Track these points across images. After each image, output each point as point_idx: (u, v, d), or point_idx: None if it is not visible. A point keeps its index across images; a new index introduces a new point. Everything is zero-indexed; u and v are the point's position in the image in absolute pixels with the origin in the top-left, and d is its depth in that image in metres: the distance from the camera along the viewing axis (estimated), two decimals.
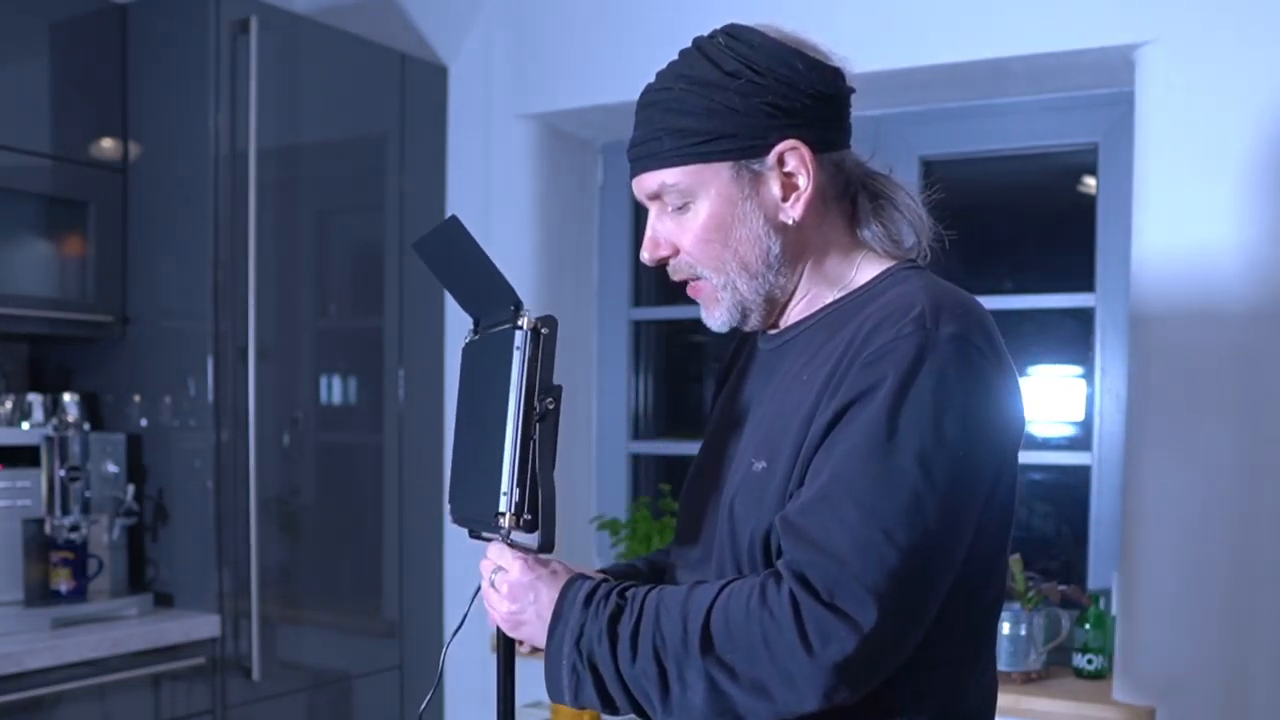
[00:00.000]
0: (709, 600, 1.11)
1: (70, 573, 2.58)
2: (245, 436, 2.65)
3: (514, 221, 3.04)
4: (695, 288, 1.28)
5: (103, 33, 2.68)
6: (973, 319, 1.16)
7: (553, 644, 1.18)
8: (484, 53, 3.07)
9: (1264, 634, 2.24)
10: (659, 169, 1.23)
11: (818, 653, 1.05)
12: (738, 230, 1.23)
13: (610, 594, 1.17)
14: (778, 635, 1.06)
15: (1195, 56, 2.27)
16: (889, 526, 1.07)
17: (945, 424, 1.09)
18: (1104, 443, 2.61)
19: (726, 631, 1.09)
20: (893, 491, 1.07)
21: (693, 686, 1.10)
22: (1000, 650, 2.49)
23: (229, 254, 2.62)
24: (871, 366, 1.11)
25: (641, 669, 1.12)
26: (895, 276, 1.26)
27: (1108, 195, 2.61)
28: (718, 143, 1.20)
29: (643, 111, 1.25)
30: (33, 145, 2.57)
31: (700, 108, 1.20)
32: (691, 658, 1.10)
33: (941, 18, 2.50)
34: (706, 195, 1.22)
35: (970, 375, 1.12)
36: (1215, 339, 2.27)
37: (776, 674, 1.07)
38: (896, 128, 2.82)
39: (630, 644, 1.13)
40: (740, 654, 1.08)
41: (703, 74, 1.21)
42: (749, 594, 1.09)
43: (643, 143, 1.24)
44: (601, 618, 1.15)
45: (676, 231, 1.25)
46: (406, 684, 3.04)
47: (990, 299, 2.83)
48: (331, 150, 2.92)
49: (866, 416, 1.10)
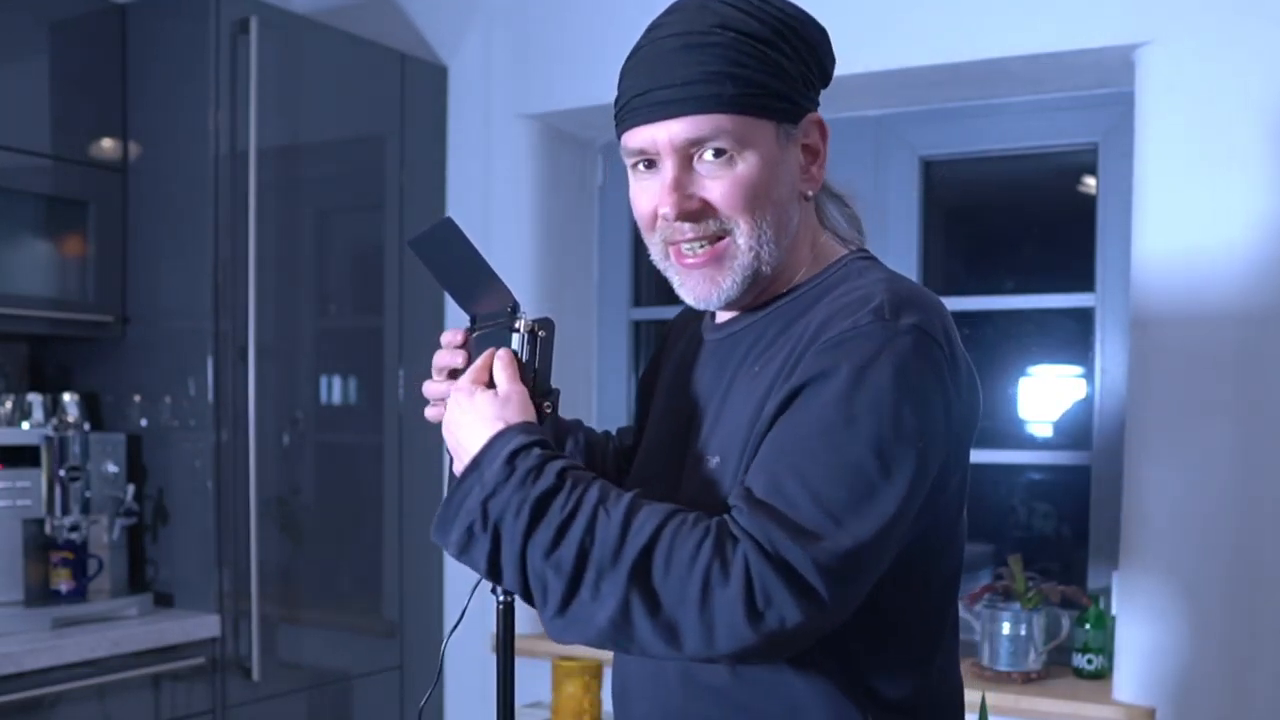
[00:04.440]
0: (656, 523, 1.07)
1: (70, 573, 2.58)
2: (245, 436, 2.65)
3: (514, 221, 3.04)
4: (706, 253, 1.18)
5: (103, 33, 2.68)
6: (931, 313, 1.13)
7: (458, 492, 1.13)
8: (484, 53, 3.07)
9: (1264, 634, 2.23)
10: (714, 113, 1.14)
11: (761, 616, 1.03)
12: (778, 191, 1.18)
13: (544, 466, 1.11)
14: (723, 588, 1.03)
15: (1195, 56, 2.27)
16: (839, 514, 1.05)
17: (903, 415, 1.07)
18: (1104, 443, 2.61)
19: (667, 564, 1.05)
20: (848, 480, 1.06)
21: (604, 600, 1.06)
22: (1000, 650, 2.50)
23: (229, 254, 2.62)
24: (827, 352, 1.10)
25: (556, 562, 1.07)
26: (849, 266, 1.23)
27: (1108, 195, 2.61)
28: (775, 100, 1.16)
29: (674, 54, 1.15)
30: (33, 145, 2.57)
31: (758, 60, 1.15)
32: (617, 574, 1.05)
33: (941, 18, 2.50)
34: (756, 150, 1.16)
35: (928, 368, 1.10)
36: (1215, 339, 2.27)
37: (700, 623, 1.04)
38: (896, 128, 2.82)
39: (556, 533, 1.08)
40: (672, 591, 1.05)
41: (749, 27, 1.15)
42: (701, 537, 1.06)
43: (688, 84, 1.14)
44: (528, 490, 1.09)
45: (711, 184, 1.16)
46: (406, 684, 3.04)
47: (990, 299, 2.85)
48: (331, 150, 2.91)
49: (823, 401, 1.08)
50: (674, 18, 1.19)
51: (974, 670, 2.54)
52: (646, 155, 1.19)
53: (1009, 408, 2.88)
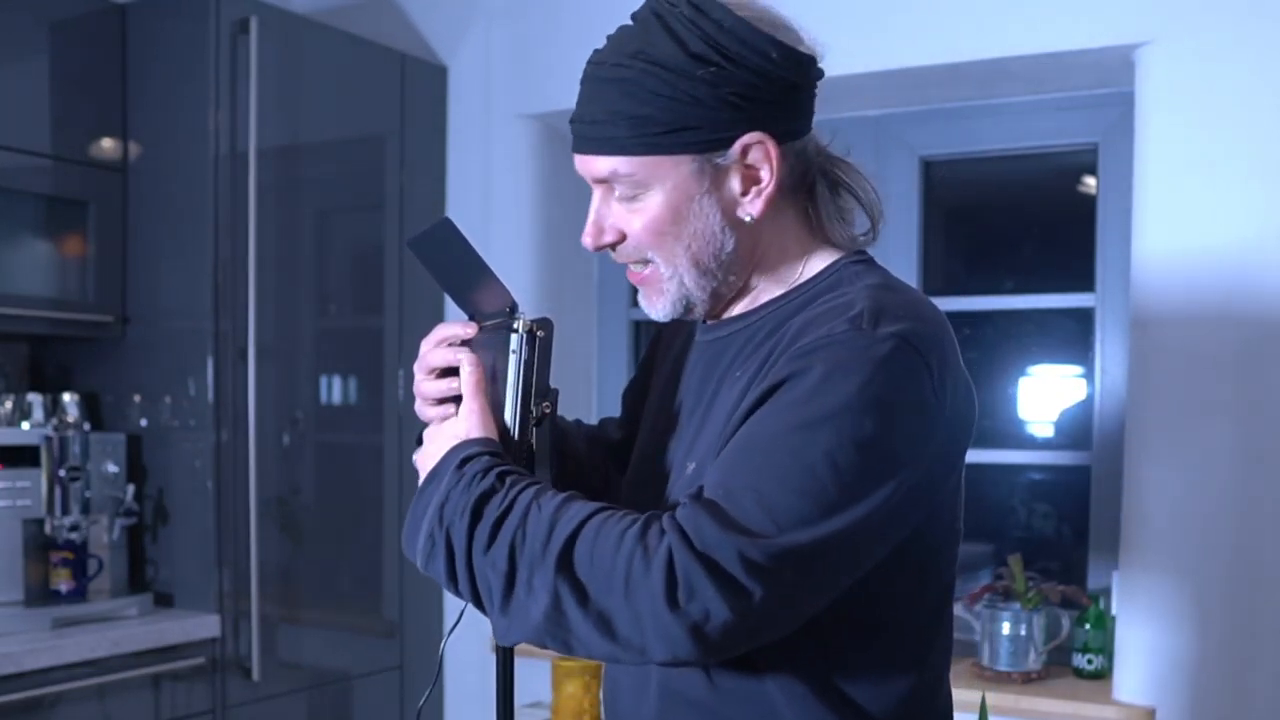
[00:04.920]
0: (583, 516, 1.05)
1: (70, 573, 2.58)
2: (245, 436, 2.65)
3: (514, 221, 3.04)
4: (639, 275, 1.21)
5: (103, 33, 2.68)
6: (915, 322, 1.09)
7: (419, 502, 1.14)
8: (484, 53, 3.07)
9: (1264, 633, 2.23)
10: (612, 155, 1.14)
11: (680, 606, 1.00)
12: (692, 225, 1.15)
13: (489, 470, 1.11)
14: (644, 576, 1.01)
15: (1195, 56, 2.27)
16: (783, 518, 1.02)
17: (865, 425, 1.04)
18: (1104, 443, 2.61)
19: (590, 554, 1.03)
20: (795, 486, 1.03)
21: (537, 595, 1.05)
22: (1000, 650, 2.50)
23: (229, 254, 2.62)
24: (799, 358, 1.07)
25: (492, 559, 1.07)
26: (840, 272, 1.20)
27: (1108, 195, 2.61)
28: (679, 135, 1.12)
29: (593, 85, 1.15)
30: (33, 145, 2.57)
31: (662, 94, 1.10)
32: (546, 566, 1.04)
33: (941, 18, 2.50)
34: (662, 187, 1.14)
35: (902, 378, 1.06)
36: (1215, 339, 2.27)
37: (628, 613, 1.02)
38: (896, 128, 2.82)
39: (490, 530, 1.07)
40: (597, 582, 1.03)
41: (665, 55, 1.10)
42: (626, 527, 1.04)
43: (593, 122, 1.15)
44: (471, 492, 1.09)
45: (625, 218, 1.18)
46: (406, 684, 3.04)
47: (990, 299, 2.85)
48: (331, 150, 2.91)
49: (785, 403, 1.06)
50: (612, 37, 1.17)
51: (974, 670, 2.54)
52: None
53: (1009, 408, 2.88)
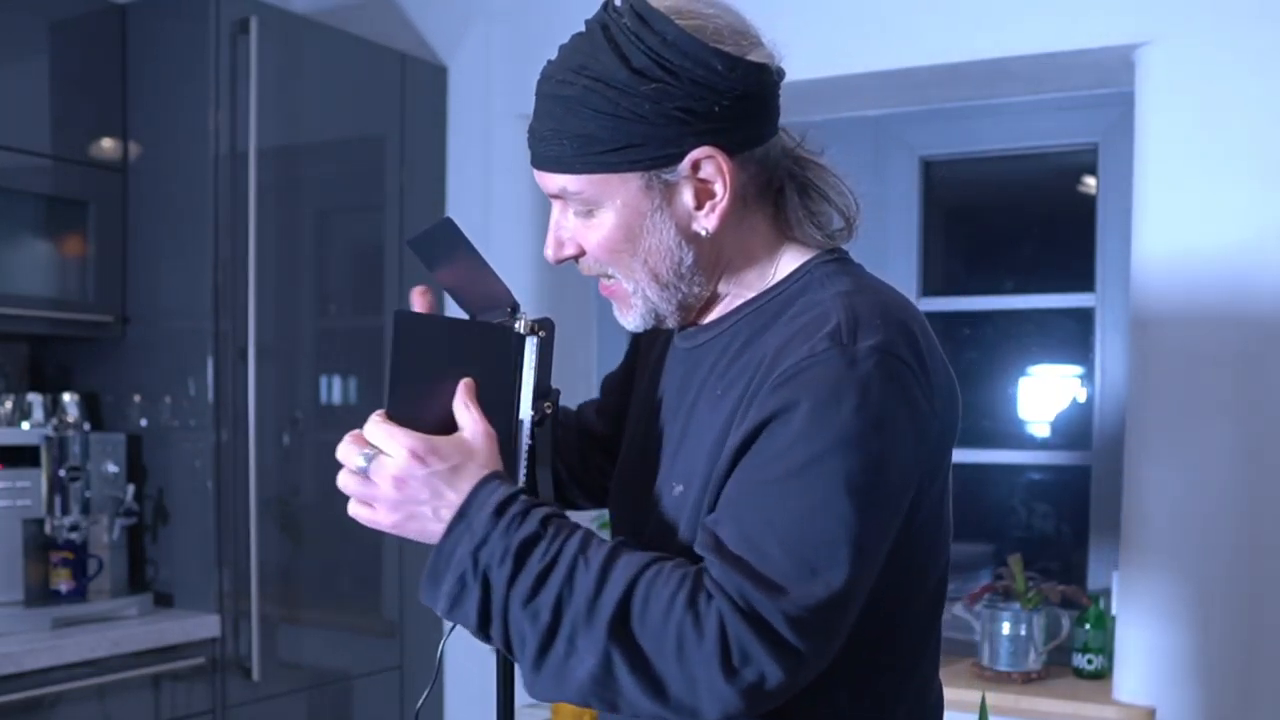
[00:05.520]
0: (631, 575, 1.03)
1: (70, 573, 2.58)
2: (245, 436, 2.65)
3: (514, 221, 3.04)
4: (606, 287, 1.21)
5: (103, 33, 2.68)
6: (894, 328, 1.07)
7: (446, 544, 1.08)
8: (484, 53, 3.07)
9: (1264, 633, 2.23)
10: (559, 173, 1.13)
11: (737, 673, 1.01)
12: (646, 241, 1.14)
13: (529, 513, 1.07)
14: (697, 645, 1.01)
15: (1195, 56, 2.27)
16: (815, 563, 1.02)
17: (869, 445, 1.03)
18: (1104, 443, 2.61)
19: (643, 617, 1.02)
20: (818, 523, 1.02)
21: (582, 656, 1.03)
22: (1000, 650, 2.50)
23: (229, 254, 2.62)
24: (786, 385, 1.05)
25: (533, 612, 1.04)
26: (812, 273, 1.18)
27: (1108, 195, 2.61)
28: (625, 153, 1.09)
29: (542, 101, 1.13)
30: (33, 145, 2.57)
31: (605, 112, 1.08)
32: (594, 628, 1.02)
33: (941, 18, 2.50)
34: (613, 205, 1.12)
35: (893, 391, 1.05)
36: (1215, 339, 2.27)
37: (681, 678, 1.02)
38: (896, 128, 2.82)
39: (534, 582, 1.04)
40: (651, 645, 1.02)
41: (607, 71, 1.08)
42: (676, 589, 1.03)
43: (542, 139, 1.13)
44: (513, 537, 1.05)
45: (582, 233, 1.16)
46: (406, 684, 3.04)
47: (990, 299, 2.85)
48: (331, 150, 2.91)
49: (784, 439, 1.04)
50: (562, 49, 1.16)
51: (974, 670, 2.54)
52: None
53: (1009, 408, 2.88)
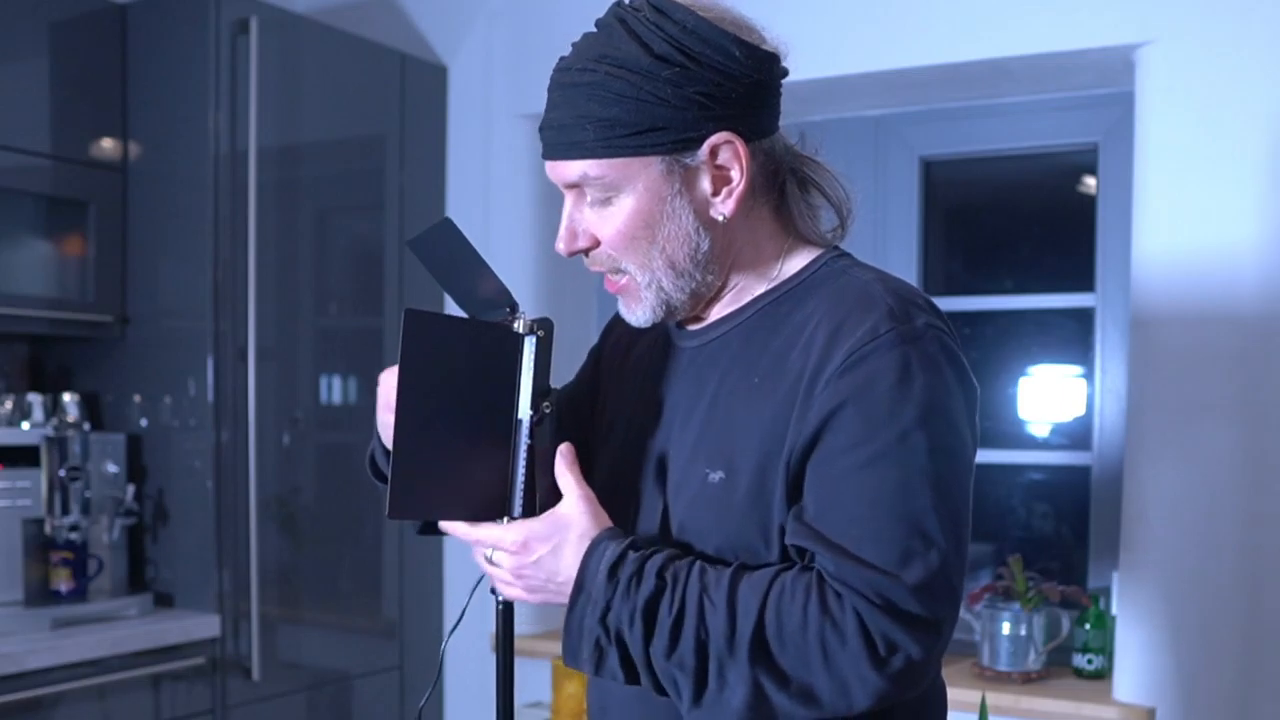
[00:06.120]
0: (760, 599, 1.08)
1: (70, 573, 2.58)
2: (245, 436, 2.65)
3: (514, 221, 3.04)
4: (616, 283, 1.21)
5: (103, 33, 2.68)
6: (932, 309, 1.16)
7: (574, 616, 1.13)
8: (484, 53, 3.07)
9: (1264, 633, 2.23)
10: (580, 159, 1.14)
11: (886, 662, 1.06)
12: (665, 227, 1.16)
13: (643, 570, 1.11)
14: (841, 647, 1.05)
15: (1195, 56, 2.27)
16: (925, 528, 1.06)
17: (948, 413, 1.09)
18: (1104, 443, 2.61)
19: (780, 637, 1.07)
20: (918, 493, 1.07)
21: (733, 687, 1.08)
22: (1000, 650, 2.50)
23: (229, 254, 2.62)
24: (856, 369, 1.08)
25: (679, 661, 1.09)
26: (827, 266, 1.21)
27: (1108, 195, 2.61)
28: (647, 135, 1.12)
29: (560, 91, 1.16)
30: (33, 145, 2.57)
31: (628, 96, 1.11)
32: (738, 659, 1.07)
33: (941, 18, 2.50)
34: (633, 189, 1.15)
35: (951, 363, 1.12)
36: (1215, 339, 2.27)
37: (831, 682, 1.06)
38: (896, 128, 2.82)
39: (670, 634, 1.09)
40: (793, 661, 1.07)
41: (629, 57, 1.12)
42: (805, 600, 1.07)
43: (560, 127, 1.15)
44: (635, 599, 1.10)
45: (597, 223, 1.18)
46: (406, 684, 3.04)
47: (990, 299, 2.85)
48: (331, 150, 2.92)
49: (866, 420, 1.08)
50: (577, 44, 1.19)
51: (974, 670, 2.54)
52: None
53: (1009, 408, 2.88)
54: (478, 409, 1.19)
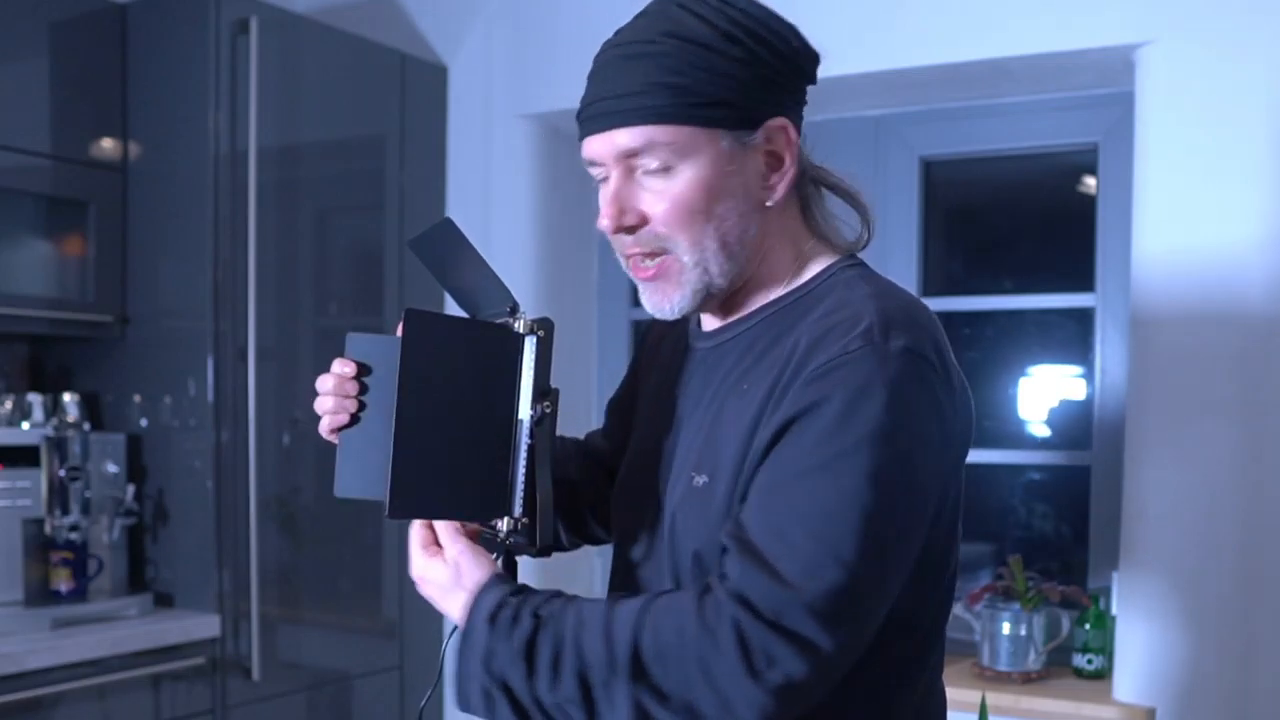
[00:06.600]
0: (634, 619, 1.07)
1: (70, 573, 2.58)
2: (245, 436, 2.65)
3: (514, 221, 3.04)
4: (650, 270, 1.17)
5: (103, 33, 2.68)
6: (922, 331, 1.10)
7: (461, 662, 1.14)
8: (484, 53, 3.07)
9: (1264, 634, 2.24)
10: (648, 124, 1.12)
11: (762, 676, 1.02)
12: (724, 203, 1.14)
13: (520, 612, 1.11)
14: (717, 659, 1.02)
15: (1195, 56, 2.27)
16: (840, 551, 1.03)
17: (898, 442, 1.05)
18: (1104, 443, 2.61)
19: (657, 654, 1.05)
20: (843, 513, 1.03)
21: (619, 710, 1.06)
22: (1000, 650, 2.50)
23: (229, 254, 2.62)
24: (819, 381, 1.07)
25: (565, 695, 1.07)
26: (837, 276, 1.19)
27: (1108, 195, 2.61)
28: (718, 108, 1.12)
29: (621, 64, 1.14)
30: (33, 145, 2.57)
31: (700, 67, 1.11)
32: (618, 680, 1.05)
33: (941, 18, 2.50)
34: (696, 162, 1.13)
35: (921, 391, 1.07)
36: (1215, 339, 2.27)
37: (713, 697, 1.03)
38: (896, 128, 2.82)
39: (551, 670, 1.08)
40: (672, 677, 1.04)
41: (696, 33, 1.12)
42: (682, 615, 1.05)
43: (625, 95, 1.13)
44: (515, 641, 1.09)
45: (649, 199, 1.15)
46: (406, 684, 3.04)
47: (990, 299, 2.85)
48: (331, 150, 2.92)
49: (814, 433, 1.06)
50: (629, 25, 1.18)
51: (974, 670, 2.54)
52: (596, 165, 1.18)
53: (1009, 408, 2.88)
54: (478, 409, 1.19)
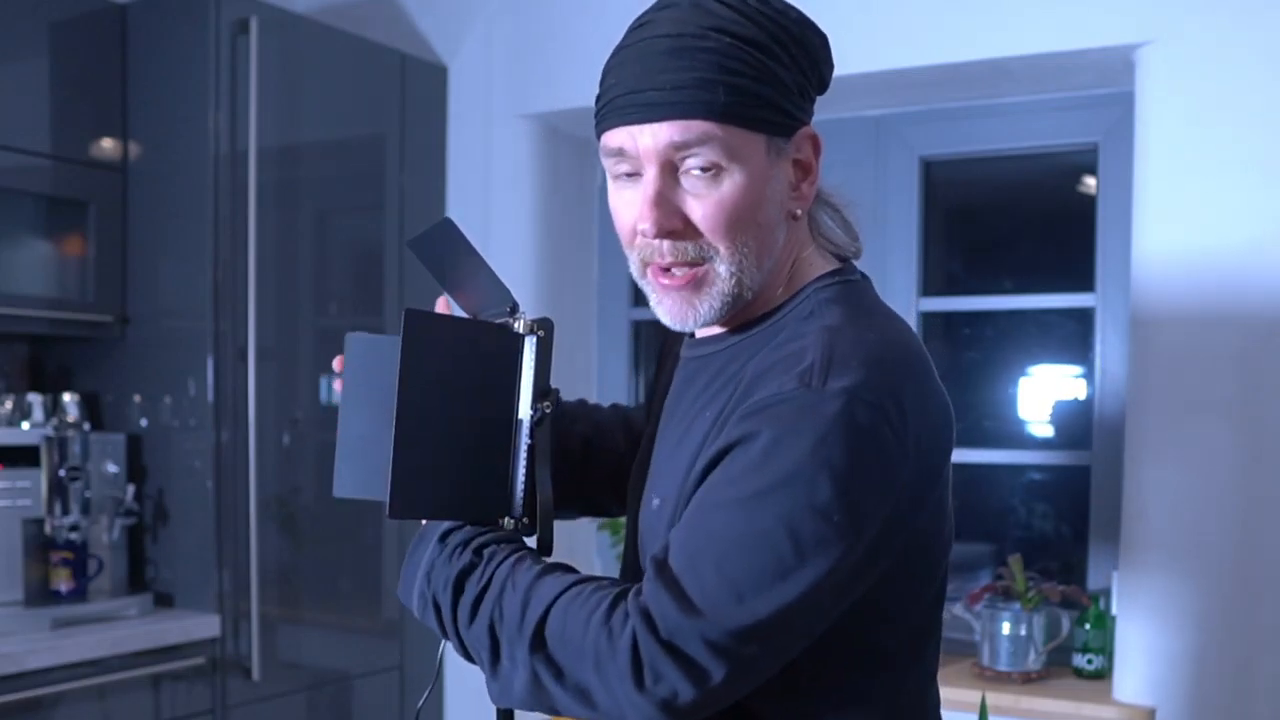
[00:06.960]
0: (553, 595, 1.07)
1: (70, 573, 2.58)
2: (245, 436, 2.65)
3: (514, 221, 3.04)
4: (680, 279, 1.12)
5: (103, 33, 2.68)
6: (872, 368, 1.04)
7: (411, 561, 1.19)
8: (484, 53, 3.07)
9: (1264, 633, 2.24)
10: (709, 120, 1.06)
11: (647, 688, 1.03)
12: (765, 209, 1.11)
13: (469, 544, 1.14)
14: (610, 660, 1.03)
15: (1195, 56, 2.27)
16: (741, 589, 1.02)
17: (819, 487, 1.01)
18: (1104, 443, 2.61)
19: (561, 635, 1.06)
20: (752, 552, 1.02)
21: (518, 670, 1.09)
22: (1000, 650, 2.50)
23: (229, 254, 2.62)
24: (750, 418, 1.05)
25: (477, 634, 1.11)
26: (809, 299, 1.15)
27: (1108, 195, 2.61)
28: (767, 111, 1.08)
29: (670, 56, 1.07)
30: (33, 145, 2.57)
31: (752, 68, 1.07)
32: (522, 644, 1.08)
33: (941, 18, 2.50)
34: (745, 166, 1.08)
35: (854, 435, 1.02)
36: (1215, 339, 2.27)
37: (604, 691, 1.05)
38: (896, 128, 2.82)
39: (471, 609, 1.11)
40: (570, 659, 1.06)
41: (747, 34, 1.07)
42: (593, 609, 1.05)
43: (678, 88, 1.06)
44: (452, 567, 1.13)
45: (693, 203, 1.09)
46: (406, 684, 3.05)
47: (990, 299, 2.85)
48: (331, 150, 2.91)
49: (739, 467, 1.04)
50: (665, 15, 1.10)
51: (974, 670, 2.54)
52: (626, 157, 1.10)
53: (1009, 408, 2.88)
54: (478, 409, 1.19)
